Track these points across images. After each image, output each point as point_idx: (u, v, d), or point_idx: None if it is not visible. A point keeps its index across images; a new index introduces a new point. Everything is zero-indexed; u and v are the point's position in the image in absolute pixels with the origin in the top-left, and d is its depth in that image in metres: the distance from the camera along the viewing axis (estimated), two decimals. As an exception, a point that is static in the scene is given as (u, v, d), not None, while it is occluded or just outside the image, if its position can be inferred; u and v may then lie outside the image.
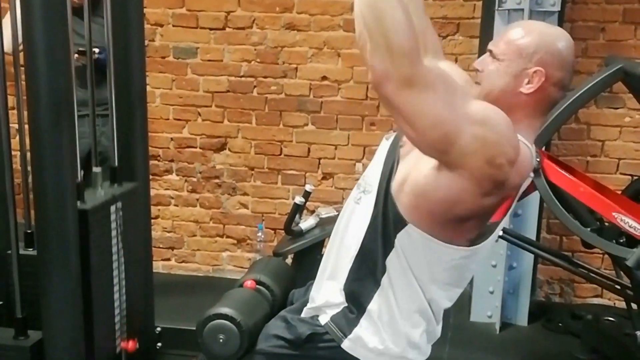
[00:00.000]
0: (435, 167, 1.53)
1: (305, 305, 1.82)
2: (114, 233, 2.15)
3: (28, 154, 1.91)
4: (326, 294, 1.76)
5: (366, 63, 1.44)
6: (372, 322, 1.70)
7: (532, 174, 1.71)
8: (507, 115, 1.55)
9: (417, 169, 1.59)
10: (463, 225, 1.61)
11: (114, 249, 2.16)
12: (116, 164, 2.29)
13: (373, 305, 1.69)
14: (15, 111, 2.09)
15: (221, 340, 1.83)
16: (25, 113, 1.91)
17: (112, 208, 2.15)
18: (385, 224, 1.64)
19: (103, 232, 2.10)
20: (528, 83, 1.58)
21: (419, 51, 1.42)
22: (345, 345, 1.71)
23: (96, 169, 2.21)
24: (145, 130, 2.49)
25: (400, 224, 1.61)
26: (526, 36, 1.59)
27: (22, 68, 1.85)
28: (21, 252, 2.07)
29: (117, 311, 2.21)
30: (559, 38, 1.62)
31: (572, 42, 1.63)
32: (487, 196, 1.53)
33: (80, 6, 2.28)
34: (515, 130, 1.53)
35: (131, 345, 2.26)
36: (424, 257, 1.64)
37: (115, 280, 2.18)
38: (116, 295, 2.20)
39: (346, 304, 1.72)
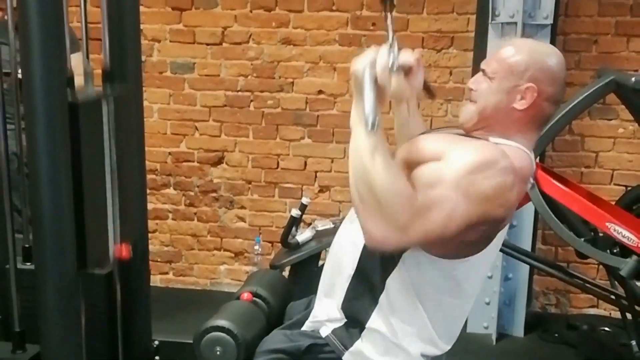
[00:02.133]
0: None
1: (306, 319, 1.84)
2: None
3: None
4: (326, 311, 1.78)
5: (363, 227, 1.55)
6: (372, 338, 1.71)
7: (531, 180, 1.74)
8: (502, 131, 1.61)
9: None
10: (477, 246, 1.64)
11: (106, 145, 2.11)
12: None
13: (372, 323, 1.71)
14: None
15: (218, 353, 1.84)
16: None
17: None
18: None
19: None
20: (521, 99, 1.62)
21: (409, 199, 1.49)
22: (346, 357, 1.72)
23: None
24: (142, 140, 2.50)
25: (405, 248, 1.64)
26: (517, 54, 1.63)
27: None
28: (19, 266, 2.08)
29: (110, 214, 2.15)
30: (549, 55, 1.65)
31: (562, 58, 1.67)
32: (504, 222, 1.62)
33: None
34: (504, 139, 1.60)
35: (124, 251, 2.22)
36: (429, 272, 1.66)
37: (108, 179, 2.12)
38: (109, 196, 2.13)
39: (347, 321, 1.74)
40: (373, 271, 1.69)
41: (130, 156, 2.42)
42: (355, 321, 1.73)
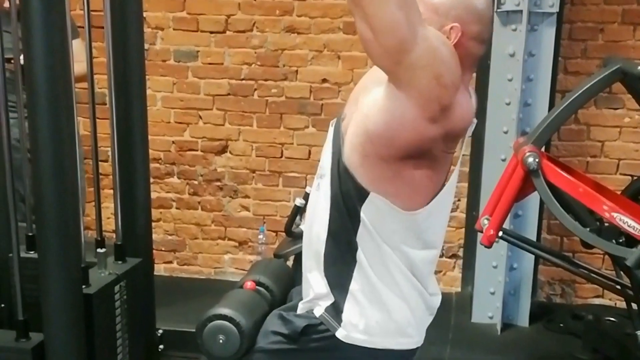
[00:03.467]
0: (378, 96, 1.57)
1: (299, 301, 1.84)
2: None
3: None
4: (313, 288, 1.78)
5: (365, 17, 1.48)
6: (356, 303, 1.71)
7: (475, 120, 1.73)
8: None
9: (357, 117, 1.64)
10: (415, 174, 1.63)
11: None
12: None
13: (354, 285, 1.71)
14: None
15: (221, 341, 1.84)
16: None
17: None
18: (347, 200, 1.67)
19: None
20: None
21: None
22: (340, 334, 1.72)
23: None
24: (145, 134, 2.50)
25: (363, 194, 1.64)
26: None
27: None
28: (22, 255, 2.08)
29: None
30: None
31: None
32: (431, 123, 1.55)
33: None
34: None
35: None
36: (389, 225, 1.66)
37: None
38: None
39: (332, 294, 1.74)
40: (345, 230, 1.69)
41: (133, 145, 2.43)
42: (338, 287, 1.72)
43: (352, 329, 1.72)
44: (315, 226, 1.76)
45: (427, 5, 1.61)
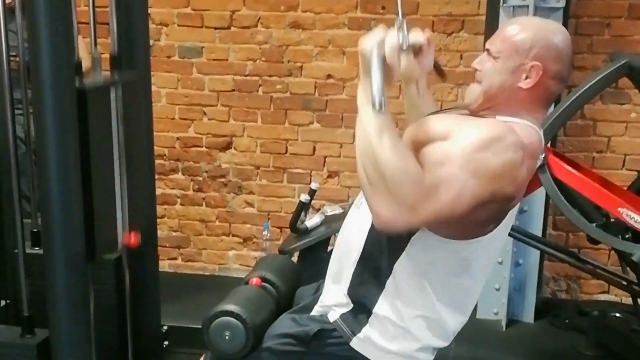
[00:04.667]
0: None
1: (315, 303, 1.83)
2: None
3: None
4: (333, 297, 1.77)
5: (371, 208, 1.52)
6: (380, 323, 1.70)
7: (542, 155, 1.74)
8: (509, 110, 1.60)
9: None
10: (487, 225, 1.63)
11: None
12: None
13: (379, 309, 1.70)
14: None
15: (227, 337, 1.83)
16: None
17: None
18: None
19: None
20: (526, 78, 1.60)
21: (416, 179, 1.46)
22: (354, 343, 1.72)
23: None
24: (150, 128, 2.50)
25: (415, 229, 1.62)
26: (522, 32, 1.61)
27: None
28: (28, 251, 2.08)
29: (118, 203, 2.17)
30: (554, 32, 1.64)
31: (568, 35, 1.66)
32: (514, 200, 1.59)
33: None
34: (512, 117, 1.59)
35: (133, 238, 2.23)
36: (435, 256, 1.65)
37: (117, 165, 2.14)
38: (117, 182, 2.15)
39: (354, 306, 1.73)
40: (379, 256, 1.68)
41: (138, 141, 2.42)
42: (362, 307, 1.72)
43: (368, 343, 1.71)
44: (349, 244, 1.75)
45: (506, 44, 1.61)
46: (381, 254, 1.68)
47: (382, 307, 1.69)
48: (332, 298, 1.77)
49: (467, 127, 1.55)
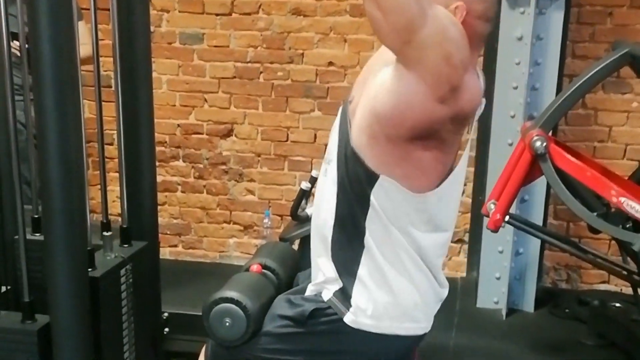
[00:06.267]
0: (386, 77, 1.56)
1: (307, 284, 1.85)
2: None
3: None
4: (322, 272, 1.78)
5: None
6: (365, 288, 1.72)
7: (483, 100, 1.73)
8: None
9: (364, 100, 1.63)
10: (424, 156, 1.62)
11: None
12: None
13: (362, 269, 1.71)
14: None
15: (227, 324, 1.83)
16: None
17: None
18: (355, 184, 1.67)
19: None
20: None
21: None
22: (348, 318, 1.73)
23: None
24: (151, 118, 2.49)
25: (372, 178, 1.64)
26: None
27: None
28: (28, 237, 2.08)
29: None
30: None
31: None
32: (440, 103, 1.55)
33: None
34: None
35: None
36: (399, 207, 1.66)
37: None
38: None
39: (341, 279, 1.74)
40: (352, 216, 1.70)
41: (139, 128, 2.42)
42: (346, 272, 1.73)
43: (360, 314, 1.72)
44: (323, 212, 1.76)
45: None
46: (354, 213, 1.69)
47: (365, 266, 1.71)
48: (321, 272, 1.78)
49: None
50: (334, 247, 1.75)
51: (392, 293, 1.72)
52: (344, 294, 1.74)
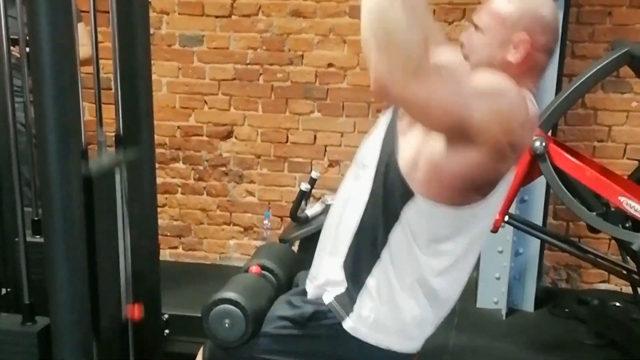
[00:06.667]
0: (450, 144, 1.53)
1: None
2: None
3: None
4: (327, 271, 1.77)
5: (372, 70, 1.49)
6: (370, 298, 1.71)
7: (543, 142, 1.74)
8: None
9: (427, 145, 1.60)
10: (478, 190, 1.62)
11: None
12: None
13: (371, 280, 1.70)
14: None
15: (226, 325, 1.83)
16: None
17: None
18: (388, 197, 1.65)
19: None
20: (514, 51, 1.60)
21: (424, 44, 1.40)
22: (347, 325, 1.72)
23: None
24: (151, 120, 2.49)
25: (408, 197, 1.62)
26: (508, 5, 1.61)
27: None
28: (28, 239, 2.08)
29: (122, 276, 2.18)
30: (541, 4, 1.63)
31: (554, 6, 1.65)
32: (504, 162, 1.56)
33: None
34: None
35: (137, 310, 2.24)
36: (427, 222, 1.64)
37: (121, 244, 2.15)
38: (122, 259, 2.17)
39: (347, 283, 1.73)
40: (376, 227, 1.68)
41: (139, 130, 2.42)
42: (355, 279, 1.72)
43: (360, 322, 1.71)
44: (347, 215, 1.74)
45: (493, 17, 1.61)
46: (377, 224, 1.68)
47: (375, 277, 1.70)
48: (325, 273, 1.78)
49: (489, 72, 1.56)
50: (349, 253, 1.73)
51: (397, 309, 1.71)
52: (347, 299, 1.73)
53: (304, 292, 1.84)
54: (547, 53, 1.63)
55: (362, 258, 1.71)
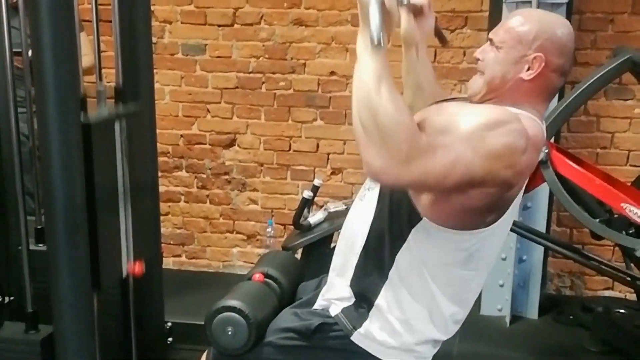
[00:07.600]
0: (455, 189, 1.53)
1: (317, 298, 1.83)
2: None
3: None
4: (336, 291, 1.77)
5: (363, 157, 1.49)
6: (381, 317, 1.70)
7: (545, 149, 1.73)
8: (512, 101, 1.59)
9: None
10: (487, 215, 1.61)
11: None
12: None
13: (381, 300, 1.70)
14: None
15: (229, 333, 1.83)
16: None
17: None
18: (394, 218, 1.65)
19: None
20: (528, 69, 1.60)
21: (412, 127, 1.44)
22: (355, 337, 1.71)
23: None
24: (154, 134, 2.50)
25: (416, 220, 1.62)
26: (526, 23, 1.61)
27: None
28: (32, 247, 2.09)
29: (122, 233, 2.19)
30: (558, 25, 1.63)
31: (571, 29, 1.65)
32: (512, 189, 1.57)
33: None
34: (516, 109, 1.57)
35: (137, 267, 2.23)
36: (438, 248, 1.64)
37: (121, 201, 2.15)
38: (122, 217, 2.17)
39: (355, 299, 1.73)
40: (382, 247, 1.68)
41: (142, 140, 2.43)
42: (364, 299, 1.71)
43: (369, 338, 1.71)
44: (352, 237, 1.75)
45: (510, 34, 1.61)
46: (383, 244, 1.67)
47: (384, 298, 1.69)
48: (336, 292, 1.77)
49: (475, 109, 1.57)
50: (356, 273, 1.73)
51: (410, 329, 1.70)
52: (354, 313, 1.72)
53: (309, 304, 1.83)
54: (561, 74, 1.63)
55: (369, 279, 1.71)
